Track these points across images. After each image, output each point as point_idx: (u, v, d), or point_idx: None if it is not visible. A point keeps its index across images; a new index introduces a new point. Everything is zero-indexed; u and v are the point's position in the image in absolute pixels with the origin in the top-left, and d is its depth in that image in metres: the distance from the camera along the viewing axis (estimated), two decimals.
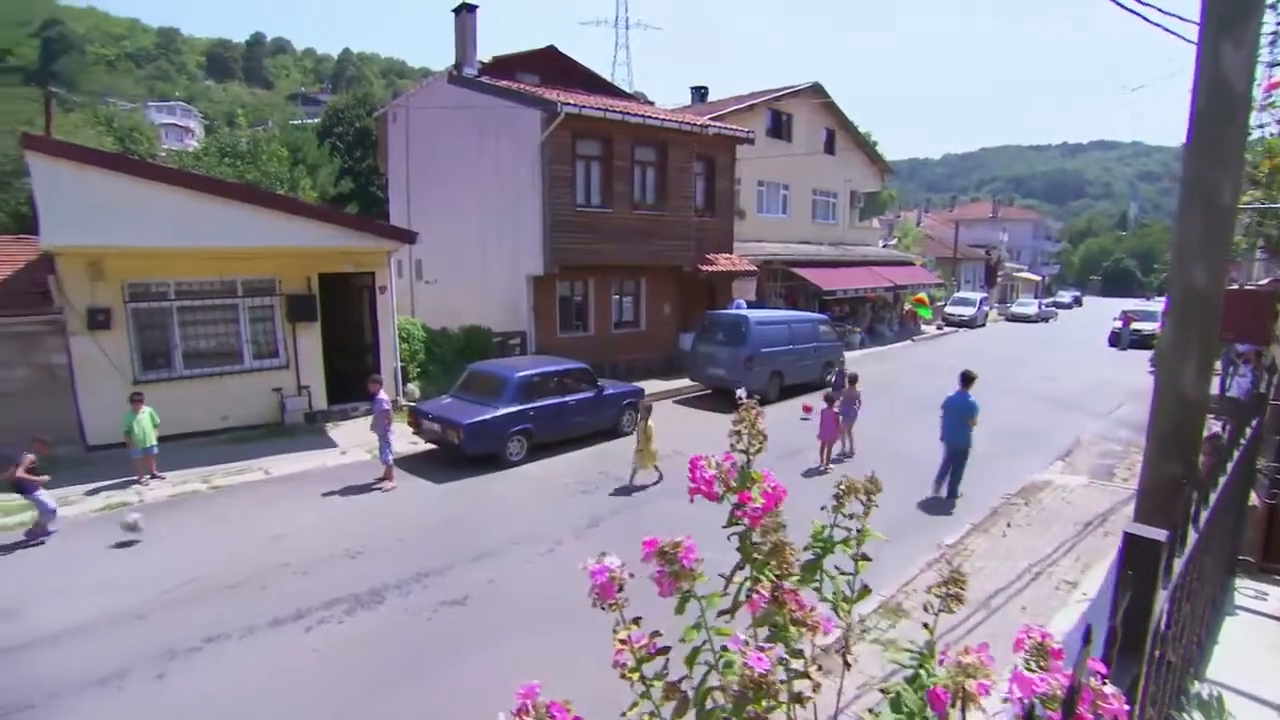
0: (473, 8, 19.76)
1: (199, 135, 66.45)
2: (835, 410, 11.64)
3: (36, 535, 8.39)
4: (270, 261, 12.68)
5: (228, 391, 12.67)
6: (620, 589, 1.20)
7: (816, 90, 28.23)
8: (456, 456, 11.27)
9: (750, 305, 20.49)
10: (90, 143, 25.61)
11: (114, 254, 11.10)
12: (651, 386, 15.84)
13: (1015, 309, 43.16)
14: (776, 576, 1.15)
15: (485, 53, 20.38)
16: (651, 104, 28.07)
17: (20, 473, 8.27)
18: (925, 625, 1.25)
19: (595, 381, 12.98)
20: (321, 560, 7.97)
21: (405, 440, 12.26)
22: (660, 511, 9.58)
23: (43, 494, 8.39)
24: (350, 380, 13.94)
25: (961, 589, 1.21)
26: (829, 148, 29.73)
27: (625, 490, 10.49)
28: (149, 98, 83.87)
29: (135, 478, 10.27)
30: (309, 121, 53.95)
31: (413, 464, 11.62)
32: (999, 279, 52.78)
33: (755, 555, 1.25)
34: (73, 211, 9.97)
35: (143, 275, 11.75)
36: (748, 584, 1.28)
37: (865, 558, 1.41)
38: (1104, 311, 40.66)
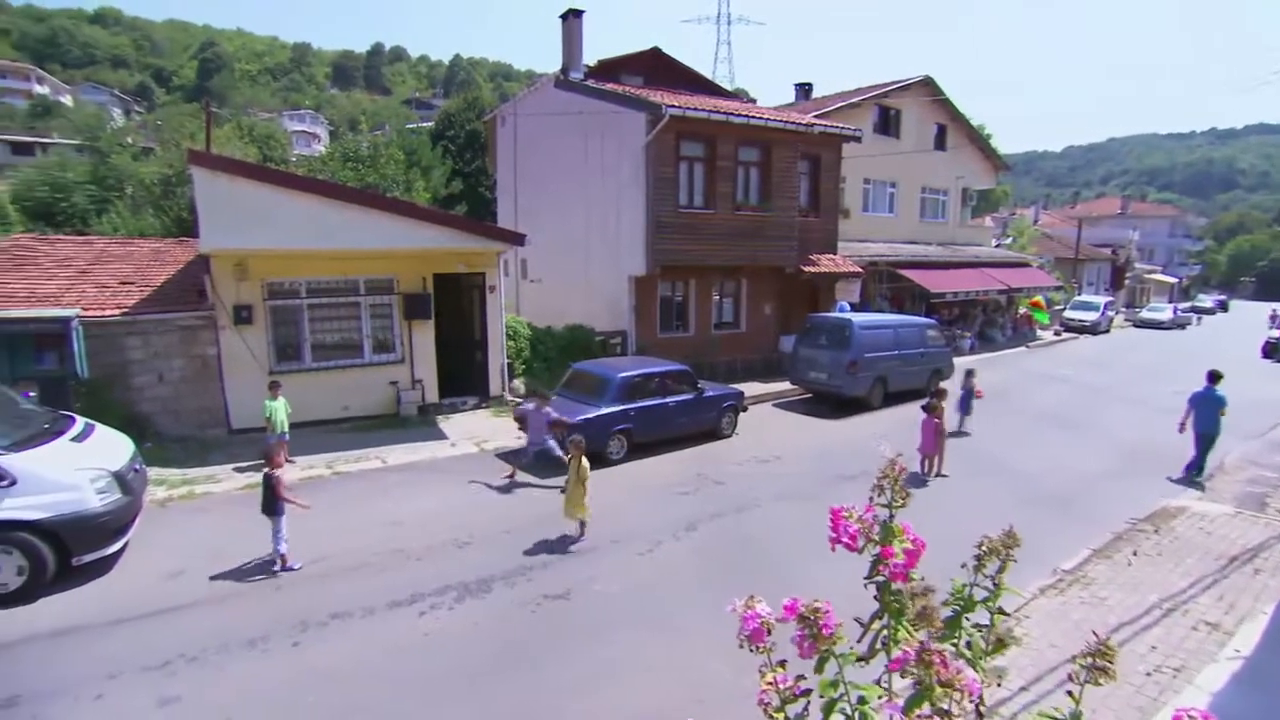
0: (579, 13, 20.20)
1: (325, 140, 71.24)
2: (937, 420, 11.21)
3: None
4: (390, 262, 13.50)
5: (349, 383, 13.59)
6: (769, 633, 1.26)
7: (927, 85, 27.12)
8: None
9: (854, 308, 19.99)
10: (235, 152, 28.03)
11: (257, 255, 12.16)
12: (751, 389, 15.75)
13: (1145, 314, 39.81)
14: (923, 637, 1.19)
15: (591, 56, 20.82)
16: (753, 102, 27.82)
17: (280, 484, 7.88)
18: (1070, 694, 1.24)
19: (695, 383, 13.05)
20: (433, 548, 8.45)
21: (510, 435, 12.76)
22: (763, 518, 9.55)
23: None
24: (460, 375, 14.62)
25: (1110, 662, 1.20)
26: (940, 143, 28.48)
27: (720, 496, 10.50)
28: (283, 107, 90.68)
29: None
30: (423, 125, 56.77)
31: (517, 459, 12.06)
32: (1127, 281, 48.86)
33: (895, 606, 1.28)
34: (226, 217, 11.02)
35: (279, 275, 12.79)
36: (884, 632, 1.31)
37: (1002, 612, 1.41)
38: (1256, 317, 36.82)
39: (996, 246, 34.88)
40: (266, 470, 7.81)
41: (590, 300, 18.90)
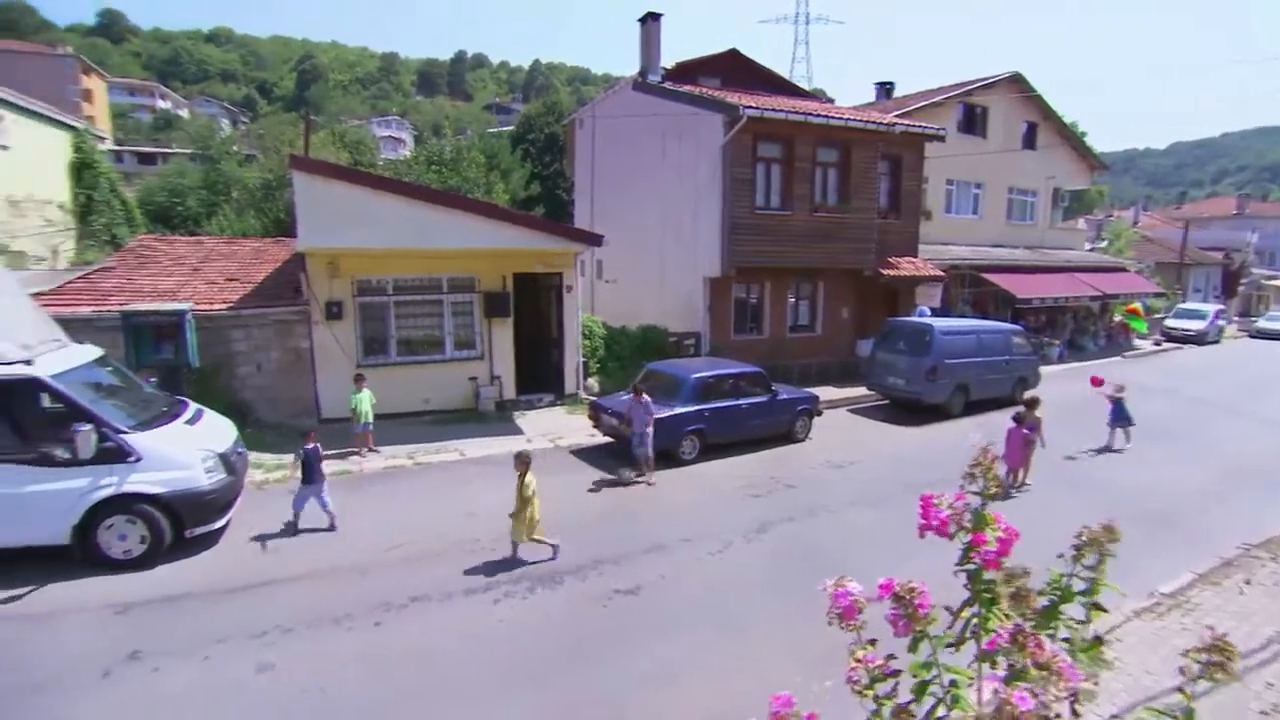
0: (657, 16, 20.34)
1: (409, 145, 74.10)
2: (1024, 430, 10.72)
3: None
4: (472, 261, 13.96)
5: (430, 378, 14.12)
6: (860, 612, 1.27)
7: (1016, 81, 25.95)
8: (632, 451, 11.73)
9: (934, 312, 19.33)
10: (329, 158, 29.56)
11: (348, 254, 12.81)
12: (825, 393, 15.46)
13: (1262, 323, 36.63)
14: (1018, 619, 1.17)
15: (668, 58, 20.94)
16: (831, 102, 27.32)
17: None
18: (1181, 690, 1.20)
19: (769, 385, 12.93)
20: (507, 539, 8.65)
21: (584, 433, 12.97)
22: (836, 523, 9.39)
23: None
24: (536, 373, 14.97)
25: (1229, 658, 1.14)
26: (1029, 142, 27.20)
27: (792, 499, 10.37)
28: (371, 114, 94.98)
29: (355, 449, 11.76)
30: (504, 129, 58.33)
31: (590, 456, 12.26)
32: (1241, 287, 45.26)
33: (985, 595, 1.27)
34: (322, 218, 11.69)
35: (368, 273, 13.42)
36: (974, 621, 1.30)
37: (1099, 607, 1.37)
38: None
39: (1090, 250, 32.99)
40: (307, 446, 8.79)
41: (664, 301, 18.99)
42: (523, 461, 8.01)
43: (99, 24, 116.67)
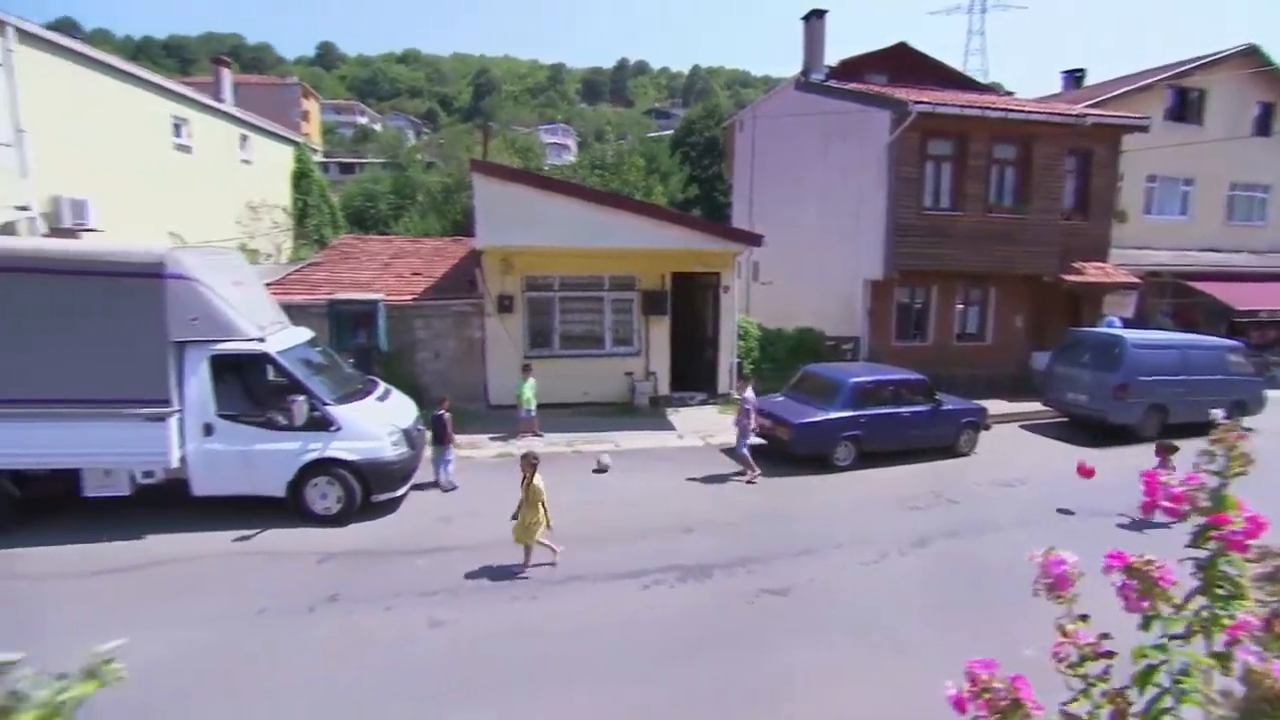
0: (821, 13, 19.88)
1: (573, 150, 77.52)
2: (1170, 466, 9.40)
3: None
4: (633, 261, 14.41)
5: (589, 371, 14.73)
6: (1073, 584, 1.22)
7: (1250, 55, 22.45)
8: (784, 454, 11.61)
9: (1126, 324, 17.31)
10: (503, 163, 31.72)
11: (520, 252, 13.68)
12: (993, 406, 14.35)
13: None
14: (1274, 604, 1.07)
15: (832, 56, 20.40)
16: (1010, 95, 25.25)
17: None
18: None
19: (933, 394, 12.26)
20: (658, 529, 8.89)
21: (734, 433, 12.96)
22: (1002, 543, 8.72)
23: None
24: (690, 371, 15.18)
25: None
26: (1262, 128, 23.46)
27: (954, 515, 9.75)
28: (538, 122, 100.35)
29: (518, 435, 12.52)
30: (663, 133, 59.49)
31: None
32: None
33: (1219, 585, 1.18)
34: (498, 217, 12.62)
35: (537, 270, 14.26)
36: (1204, 613, 1.21)
37: None
38: None
39: None
40: (440, 411, 10.08)
41: (822, 304, 18.52)
42: (529, 463, 7.62)
43: (317, 55, 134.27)
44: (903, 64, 20.45)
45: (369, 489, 8.82)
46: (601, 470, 11.09)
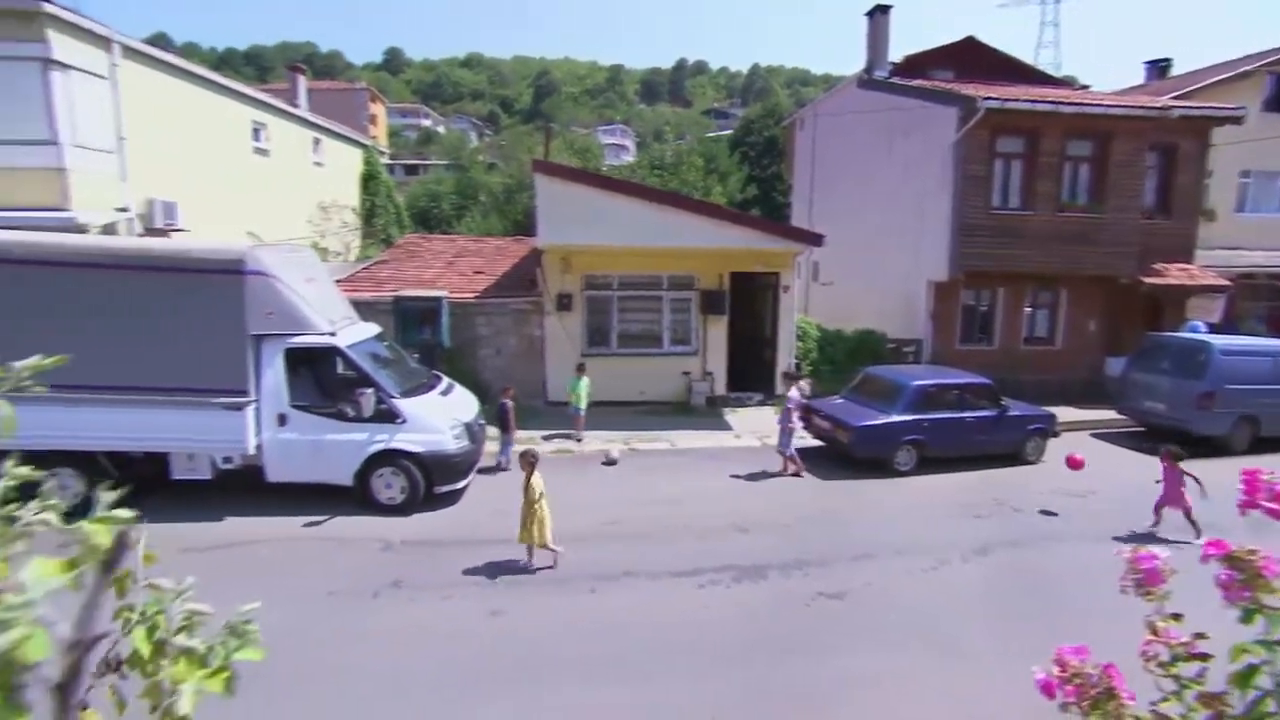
0: (886, 9, 19.46)
1: (632, 151, 77.83)
2: (1181, 469, 8.83)
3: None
4: (692, 260, 14.41)
5: (647, 370, 14.80)
6: (1164, 580, 1.19)
7: None
8: (844, 456, 11.44)
9: (1212, 329, 16.34)
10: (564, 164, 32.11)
11: (580, 251, 13.85)
12: (1063, 413, 13.76)
13: None
14: None
15: (896, 53, 19.93)
16: (1085, 89, 24.16)
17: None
18: None
19: (999, 400, 11.87)
20: (714, 529, 8.87)
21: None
22: (1068, 555, 8.39)
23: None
24: (748, 371, 15.08)
25: None
26: None
27: (1018, 524, 9.43)
28: (597, 122, 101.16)
29: (571, 432, 12.65)
30: (722, 133, 59.19)
31: (801, 457, 12.08)
32: None
33: None
34: (559, 217, 12.81)
35: (596, 269, 14.40)
36: None
37: None
38: None
39: None
40: (504, 400, 11.00)
41: (882, 305, 18.14)
42: (529, 461, 7.59)
43: (384, 60, 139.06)
44: (970, 59, 19.84)
45: (431, 480, 9.09)
46: (610, 463, 11.49)
